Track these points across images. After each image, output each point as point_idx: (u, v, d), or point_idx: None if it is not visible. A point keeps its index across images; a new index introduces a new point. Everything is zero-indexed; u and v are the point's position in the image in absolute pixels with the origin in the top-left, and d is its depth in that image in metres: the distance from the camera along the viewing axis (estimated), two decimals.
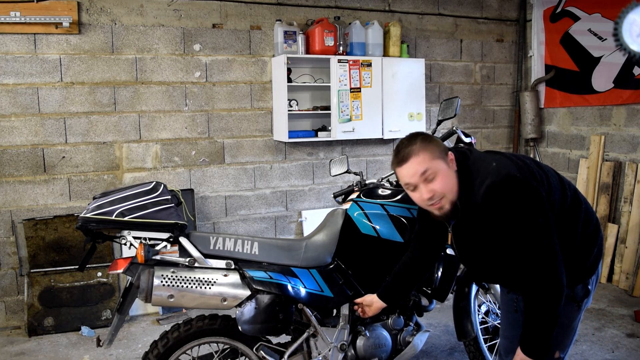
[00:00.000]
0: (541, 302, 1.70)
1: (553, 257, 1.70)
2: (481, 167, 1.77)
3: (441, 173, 1.74)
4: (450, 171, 1.77)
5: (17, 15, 3.83)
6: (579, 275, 1.87)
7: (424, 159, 1.73)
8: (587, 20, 5.00)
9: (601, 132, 5.00)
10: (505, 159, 1.81)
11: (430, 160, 1.73)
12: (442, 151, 1.76)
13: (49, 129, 4.08)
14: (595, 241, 1.90)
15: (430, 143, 1.76)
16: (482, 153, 1.88)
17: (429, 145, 1.75)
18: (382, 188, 2.69)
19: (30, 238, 3.94)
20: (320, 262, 2.49)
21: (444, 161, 1.76)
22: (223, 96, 4.59)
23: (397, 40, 4.87)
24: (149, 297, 2.16)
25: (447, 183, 1.76)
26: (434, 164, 1.74)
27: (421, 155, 1.73)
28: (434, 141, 1.77)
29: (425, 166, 1.73)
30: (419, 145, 1.74)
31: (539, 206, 1.70)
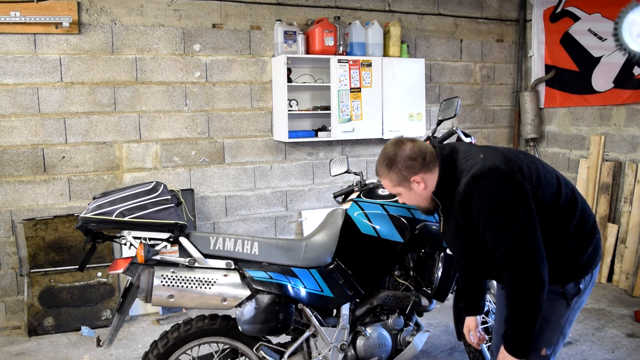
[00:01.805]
0: (520, 297, 1.71)
1: (533, 251, 1.70)
2: (469, 161, 1.84)
3: (404, 195, 1.94)
4: (413, 192, 1.91)
5: (17, 15, 3.83)
6: (571, 273, 1.87)
7: (387, 185, 1.95)
8: (587, 20, 5.00)
9: (601, 132, 5.00)
10: (495, 152, 1.84)
11: (391, 187, 1.94)
12: (402, 179, 1.88)
13: (49, 129, 4.08)
14: (590, 241, 1.89)
15: (392, 170, 1.88)
16: (473, 147, 1.93)
17: (389, 173, 1.89)
18: (382, 188, 2.69)
19: (30, 238, 3.94)
20: (320, 262, 2.49)
21: (404, 187, 1.90)
22: (223, 96, 4.59)
23: (397, 40, 4.87)
24: (149, 297, 2.16)
25: (411, 200, 1.96)
26: (395, 190, 1.94)
27: (384, 180, 1.94)
28: (396, 167, 1.86)
29: (389, 189, 1.97)
30: (382, 170, 1.92)
31: (520, 198, 1.71)
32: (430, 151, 1.88)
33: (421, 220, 2.57)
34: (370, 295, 2.60)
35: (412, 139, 1.92)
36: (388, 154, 1.89)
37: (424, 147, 1.87)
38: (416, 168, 1.85)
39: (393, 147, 1.89)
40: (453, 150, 1.92)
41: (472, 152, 1.88)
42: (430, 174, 1.87)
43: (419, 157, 1.85)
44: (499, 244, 1.73)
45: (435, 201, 1.92)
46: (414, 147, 1.86)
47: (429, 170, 1.87)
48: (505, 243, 1.71)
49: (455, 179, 1.85)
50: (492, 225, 1.74)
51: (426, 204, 1.96)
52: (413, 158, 1.85)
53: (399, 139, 1.92)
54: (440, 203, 1.91)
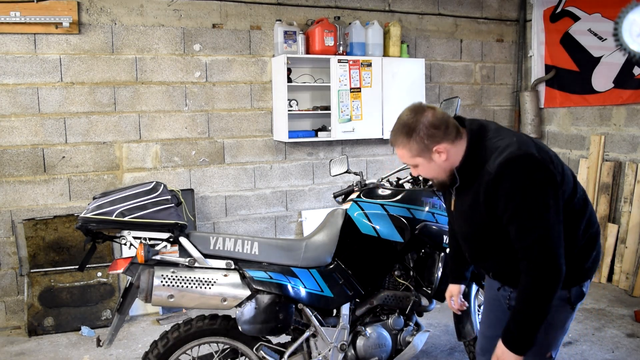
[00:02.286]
0: (535, 292, 1.64)
1: (557, 246, 1.63)
2: (500, 142, 1.72)
3: (422, 166, 1.79)
4: (433, 163, 1.76)
5: (17, 15, 3.83)
6: (577, 276, 1.84)
7: (404, 155, 1.78)
8: (587, 20, 5.00)
9: (601, 132, 5.00)
10: (527, 137, 1.76)
11: (410, 157, 1.77)
12: (424, 148, 1.72)
13: (49, 129, 4.08)
14: (595, 244, 1.87)
15: (411, 138, 1.72)
16: (503, 128, 1.81)
17: (409, 142, 1.73)
18: (382, 188, 2.69)
19: (30, 238, 3.94)
20: (320, 262, 2.49)
21: (425, 157, 1.75)
22: (223, 96, 4.59)
23: (397, 40, 4.87)
24: (149, 297, 2.16)
25: (429, 173, 1.81)
26: (413, 161, 1.78)
27: (401, 150, 1.77)
28: (417, 135, 1.70)
29: (406, 160, 1.80)
30: (400, 139, 1.75)
31: (553, 189, 1.64)
32: (452, 121, 1.74)
33: (421, 220, 2.57)
34: (370, 295, 2.60)
35: (432, 107, 1.76)
36: (407, 121, 1.71)
37: (446, 115, 1.73)
38: (439, 137, 1.70)
39: (413, 113, 1.72)
40: (482, 126, 1.79)
41: (503, 133, 1.76)
42: (452, 145, 1.73)
43: (442, 125, 1.70)
44: (525, 234, 1.65)
45: (454, 176, 1.79)
46: (436, 114, 1.71)
47: (451, 140, 1.72)
48: (532, 235, 1.63)
49: (481, 157, 1.72)
50: (520, 214, 1.64)
51: (444, 177, 1.82)
52: (436, 126, 1.69)
53: (418, 106, 1.75)
54: (459, 179, 1.79)
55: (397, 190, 2.65)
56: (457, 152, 1.75)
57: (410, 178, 2.83)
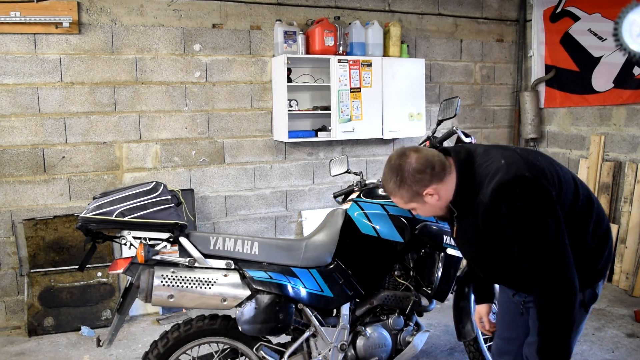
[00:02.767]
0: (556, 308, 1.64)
1: (564, 259, 1.64)
2: (490, 166, 1.74)
3: (418, 209, 1.87)
4: (427, 205, 1.82)
5: (17, 15, 3.83)
6: (590, 279, 1.82)
7: (398, 202, 1.87)
8: (587, 20, 5.00)
9: (601, 132, 5.00)
10: (515, 155, 1.75)
11: (404, 204, 1.86)
12: (414, 194, 1.78)
13: (49, 129, 4.08)
14: (605, 244, 1.85)
15: (401, 187, 1.78)
16: (491, 149, 1.82)
17: (400, 190, 1.79)
18: (382, 188, 2.69)
19: (30, 238, 3.94)
20: (320, 262, 2.49)
21: (418, 201, 1.81)
22: (223, 96, 4.59)
23: (397, 40, 4.87)
24: (149, 297, 2.16)
25: (427, 213, 1.89)
26: (409, 206, 1.86)
27: (396, 198, 1.86)
28: (405, 183, 1.76)
29: (402, 206, 1.89)
30: (392, 188, 1.82)
31: (549, 206, 1.65)
32: (438, 159, 1.77)
33: (421, 220, 2.57)
34: (370, 295, 2.60)
35: (415, 149, 1.80)
36: (393, 168, 1.78)
37: (429, 156, 1.76)
38: (426, 180, 1.75)
39: (397, 160, 1.78)
40: (469, 154, 1.81)
41: (491, 156, 1.77)
42: (442, 184, 1.77)
43: (427, 168, 1.74)
44: (529, 255, 1.67)
45: (451, 209, 1.84)
46: (420, 158, 1.75)
47: (440, 180, 1.76)
48: (536, 255, 1.65)
49: (474, 185, 1.75)
50: (522, 237, 1.67)
51: (442, 213, 1.88)
52: (421, 170, 1.74)
53: (401, 151, 1.80)
54: (456, 210, 1.83)
55: None
56: (448, 188, 1.79)
57: None
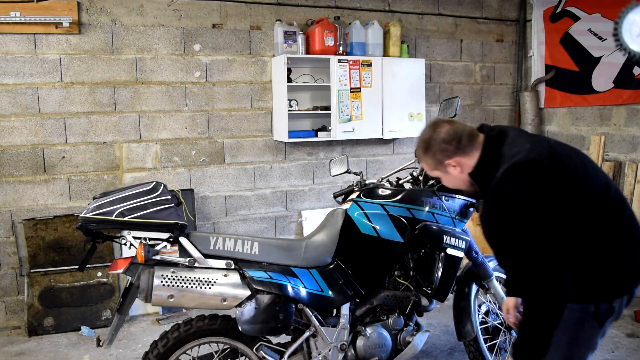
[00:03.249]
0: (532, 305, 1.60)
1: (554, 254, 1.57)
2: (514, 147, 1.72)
3: (442, 178, 1.92)
4: (450, 175, 1.87)
5: (17, 15, 3.83)
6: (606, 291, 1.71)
7: (425, 168, 1.93)
8: (587, 20, 5.00)
9: (601, 132, 5.00)
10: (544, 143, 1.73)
11: (429, 170, 1.92)
12: (437, 162, 1.85)
13: (49, 129, 4.08)
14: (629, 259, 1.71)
15: (427, 154, 1.85)
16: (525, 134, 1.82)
17: (425, 156, 1.87)
18: (382, 188, 2.69)
19: (30, 238, 3.94)
20: (320, 262, 2.49)
21: (441, 170, 1.87)
22: (223, 96, 4.59)
23: (397, 40, 4.87)
24: (149, 297, 2.16)
25: (450, 184, 1.93)
26: (434, 173, 1.92)
27: (422, 164, 1.93)
28: (430, 150, 1.83)
29: (429, 173, 1.95)
30: (419, 153, 1.91)
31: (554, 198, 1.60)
32: (467, 133, 1.81)
33: (421, 220, 2.57)
34: (370, 295, 2.60)
35: (450, 121, 1.85)
36: (424, 136, 1.86)
37: (460, 129, 1.81)
38: (450, 151, 1.79)
39: (429, 129, 1.85)
40: (501, 133, 1.82)
41: (520, 138, 1.76)
42: (467, 157, 1.80)
43: (454, 140, 1.79)
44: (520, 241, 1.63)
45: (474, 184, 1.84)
46: (449, 130, 1.80)
47: (465, 153, 1.79)
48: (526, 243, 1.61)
49: (496, 163, 1.73)
50: (519, 221, 1.63)
51: (466, 187, 1.89)
52: (447, 141, 1.79)
53: (436, 121, 1.86)
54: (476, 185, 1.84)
55: (397, 190, 2.64)
56: (472, 162, 1.82)
57: (410, 178, 2.83)
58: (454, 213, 2.67)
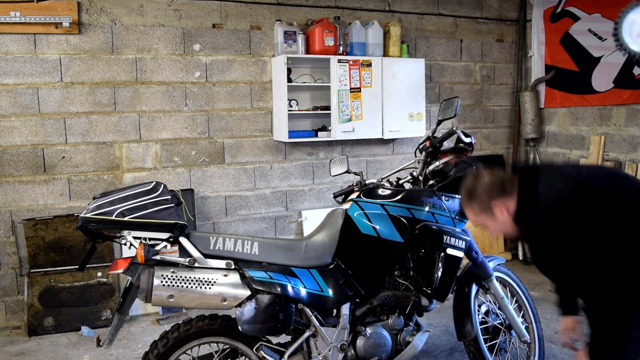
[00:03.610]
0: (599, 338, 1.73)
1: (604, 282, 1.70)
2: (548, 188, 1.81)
3: (488, 224, 1.96)
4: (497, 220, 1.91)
5: (17, 15, 3.83)
6: None
7: (470, 214, 2.00)
8: (587, 20, 5.00)
9: (601, 132, 5.00)
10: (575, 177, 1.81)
11: (474, 216, 1.97)
12: (483, 207, 1.91)
13: (49, 129, 4.08)
14: None
15: (472, 201, 1.93)
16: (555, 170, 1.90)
17: (471, 202, 1.94)
18: (382, 188, 2.69)
19: (30, 238, 3.94)
20: (320, 262, 2.49)
21: (487, 214, 1.92)
22: (223, 96, 4.59)
23: (397, 40, 4.87)
24: (149, 297, 2.16)
25: (494, 228, 1.97)
26: (478, 219, 1.97)
27: (467, 210, 1.99)
28: (476, 196, 1.91)
29: (474, 221, 2.01)
30: (464, 200, 1.98)
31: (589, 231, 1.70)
32: (508, 177, 1.89)
33: (421, 220, 2.57)
34: (370, 295, 2.60)
35: (491, 168, 1.94)
36: (468, 186, 1.96)
37: (501, 174, 1.90)
38: (495, 195, 1.87)
39: (471, 180, 1.95)
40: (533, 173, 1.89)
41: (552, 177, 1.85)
42: (510, 200, 1.86)
43: (497, 184, 1.88)
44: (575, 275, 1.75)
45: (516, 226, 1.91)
46: (492, 176, 1.91)
47: (509, 195, 1.86)
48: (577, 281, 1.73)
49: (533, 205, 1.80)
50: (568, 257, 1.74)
51: (511, 232, 1.94)
52: (491, 186, 1.89)
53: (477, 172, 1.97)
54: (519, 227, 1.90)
55: (397, 190, 2.64)
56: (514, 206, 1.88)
57: (410, 178, 2.83)
58: (454, 213, 2.67)
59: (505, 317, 2.95)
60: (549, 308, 4.25)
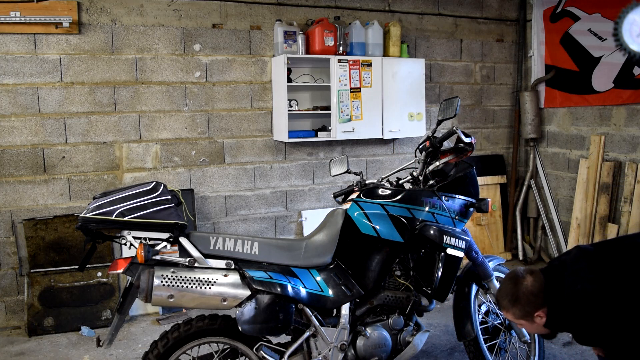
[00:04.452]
0: None
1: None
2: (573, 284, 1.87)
3: (525, 326, 2.04)
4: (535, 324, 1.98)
5: (17, 15, 3.83)
6: None
7: (510, 317, 2.04)
8: (587, 20, 5.00)
9: (601, 132, 5.00)
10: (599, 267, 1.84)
11: (514, 319, 2.02)
12: (525, 314, 1.95)
13: (49, 129, 4.08)
14: None
15: (515, 306, 1.97)
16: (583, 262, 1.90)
17: (513, 308, 1.98)
18: (382, 188, 2.69)
19: (30, 238, 3.94)
20: (320, 262, 2.49)
21: (528, 321, 1.98)
22: (223, 96, 4.59)
23: (397, 40, 4.87)
24: (149, 297, 2.16)
25: (533, 330, 2.08)
26: (518, 322, 2.02)
27: (508, 314, 2.03)
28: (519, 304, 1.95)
29: (512, 320, 2.05)
30: (505, 305, 2.01)
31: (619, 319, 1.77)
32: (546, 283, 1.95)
33: (421, 220, 2.57)
34: (370, 295, 2.60)
35: (531, 271, 1.97)
36: (510, 290, 1.98)
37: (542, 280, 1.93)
38: (538, 304, 1.92)
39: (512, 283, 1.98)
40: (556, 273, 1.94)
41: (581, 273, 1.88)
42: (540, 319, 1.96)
43: (540, 293, 1.91)
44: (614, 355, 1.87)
45: None
46: (535, 283, 1.94)
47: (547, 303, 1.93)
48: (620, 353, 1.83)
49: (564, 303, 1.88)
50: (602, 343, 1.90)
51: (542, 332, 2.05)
52: (535, 294, 1.92)
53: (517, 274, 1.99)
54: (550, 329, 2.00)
55: (397, 190, 2.64)
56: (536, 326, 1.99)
57: (410, 178, 2.83)
58: (454, 213, 2.67)
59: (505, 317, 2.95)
60: None
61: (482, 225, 5.57)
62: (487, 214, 5.61)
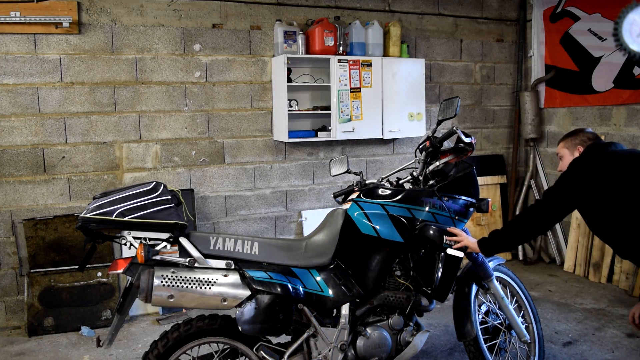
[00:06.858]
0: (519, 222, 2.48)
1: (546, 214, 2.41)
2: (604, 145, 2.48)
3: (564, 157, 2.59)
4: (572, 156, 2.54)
5: (17, 15, 3.83)
6: None
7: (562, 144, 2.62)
8: (587, 20, 5.00)
9: (601, 132, 5.00)
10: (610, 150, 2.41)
11: (560, 148, 2.63)
12: (571, 145, 2.57)
13: (49, 129, 4.08)
14: None
15: (566, 138, 2.60)
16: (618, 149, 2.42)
17: (565, 139, 2.61)
18: (382, 188, 2.69)
19: (30, 238, 3.94)
20: (320, 262, 2.49)
21: (569, 150, 2.57)
22: (223, 96, 4.59)
23: (397, 40, 4.87)
24: (149, 297, 2.15)
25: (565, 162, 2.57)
26: (560, 150, 2.62)
27: (564, 140, 2.62)
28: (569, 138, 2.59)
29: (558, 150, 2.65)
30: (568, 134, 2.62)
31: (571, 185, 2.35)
32: None
33: (421, 220, 2.57)
34: (370, 295, 2.60)
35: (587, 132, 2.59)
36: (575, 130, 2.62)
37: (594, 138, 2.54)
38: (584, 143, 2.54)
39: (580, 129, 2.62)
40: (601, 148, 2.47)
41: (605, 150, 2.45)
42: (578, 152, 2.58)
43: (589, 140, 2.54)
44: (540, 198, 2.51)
45: None
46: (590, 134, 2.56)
47: None
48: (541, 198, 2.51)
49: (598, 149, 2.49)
50: None
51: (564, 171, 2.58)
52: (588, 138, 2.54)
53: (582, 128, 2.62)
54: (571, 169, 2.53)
55: (397, 190, 2.64)
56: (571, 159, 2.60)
57: (410, 178, 2.83)
58: (454, 213, 2.67)
59: (505, 317, 2.95)
60: (549, 308, 4.25)
61: (482, 225, 5.57)
62: (487, 214, 5.61)
